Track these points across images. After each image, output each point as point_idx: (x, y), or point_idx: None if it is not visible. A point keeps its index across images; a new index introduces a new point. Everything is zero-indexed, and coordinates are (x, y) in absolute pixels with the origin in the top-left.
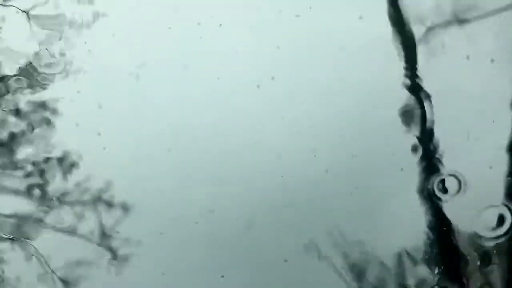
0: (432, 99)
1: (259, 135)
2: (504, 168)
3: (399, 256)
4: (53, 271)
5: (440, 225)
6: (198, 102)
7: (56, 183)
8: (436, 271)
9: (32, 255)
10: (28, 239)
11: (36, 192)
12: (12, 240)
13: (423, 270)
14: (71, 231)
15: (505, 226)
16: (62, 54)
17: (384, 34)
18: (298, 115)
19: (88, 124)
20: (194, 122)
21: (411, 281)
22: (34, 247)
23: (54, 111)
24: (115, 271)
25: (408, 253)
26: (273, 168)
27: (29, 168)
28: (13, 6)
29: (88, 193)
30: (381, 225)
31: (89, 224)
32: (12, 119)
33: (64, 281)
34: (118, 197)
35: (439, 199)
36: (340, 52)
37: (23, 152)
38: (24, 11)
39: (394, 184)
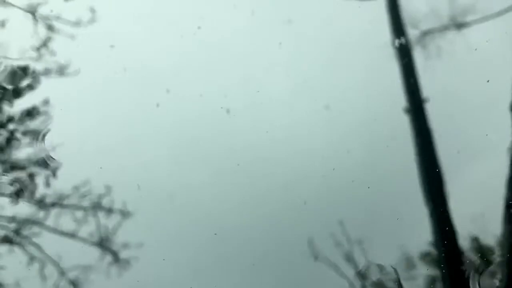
0: (431, 101)
1: (262, 135)
2: (504, 171)
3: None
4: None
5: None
6: (198, 104)
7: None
8: None
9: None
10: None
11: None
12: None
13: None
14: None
15: None
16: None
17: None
18: (302, 114)
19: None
20: (195, 123)
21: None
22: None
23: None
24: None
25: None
26: (275, 169)
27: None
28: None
29: (88, 198)
30: (386, 226)
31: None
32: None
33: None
34: (119, 201)
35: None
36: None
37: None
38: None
39: (400, 185)
